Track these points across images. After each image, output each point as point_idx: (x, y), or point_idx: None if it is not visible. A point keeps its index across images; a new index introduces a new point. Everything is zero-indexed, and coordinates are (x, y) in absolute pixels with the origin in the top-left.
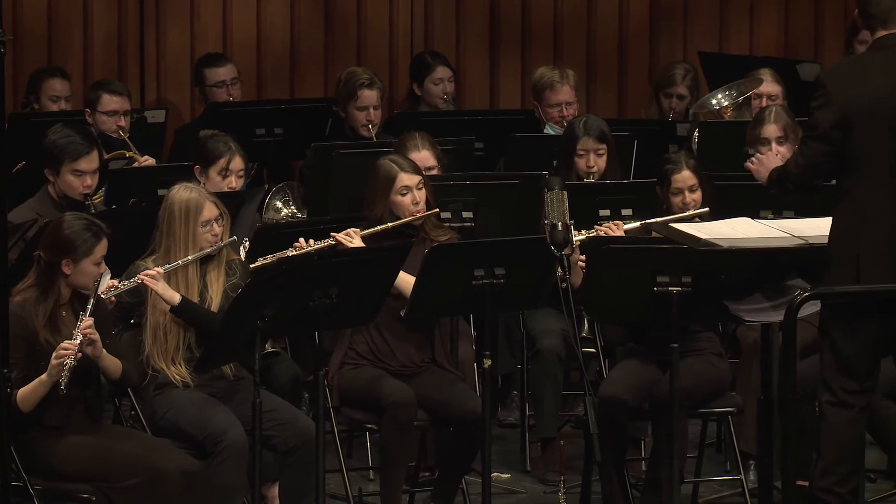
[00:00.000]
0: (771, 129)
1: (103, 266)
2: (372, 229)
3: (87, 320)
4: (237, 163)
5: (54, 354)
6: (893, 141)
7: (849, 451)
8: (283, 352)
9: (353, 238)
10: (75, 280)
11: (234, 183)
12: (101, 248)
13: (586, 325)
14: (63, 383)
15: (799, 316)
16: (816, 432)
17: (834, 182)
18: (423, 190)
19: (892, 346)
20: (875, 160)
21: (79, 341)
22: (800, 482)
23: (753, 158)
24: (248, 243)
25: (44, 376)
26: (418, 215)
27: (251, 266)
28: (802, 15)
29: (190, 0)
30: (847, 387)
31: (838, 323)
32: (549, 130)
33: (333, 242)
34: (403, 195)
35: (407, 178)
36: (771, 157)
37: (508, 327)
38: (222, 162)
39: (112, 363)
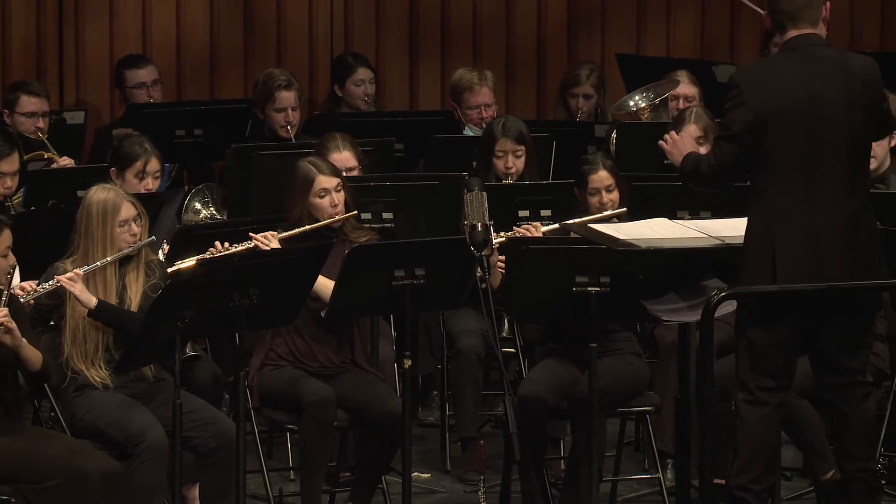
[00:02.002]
0: (691, 130)
1: (11, 258)
2: (290, 232)
3: (2, 310)
4: (153, 164)
5: None
6: (806, 142)
7: (764, 448)
8: (204, 353)
9: (270, 241)
10: None
11: (151, 184)
12: (5, 238)
13: (506, 325)
14: None
15: (716, 316)
16: (733, 431)
17: (747, 183)
18: (342, 192)
19: (808, 344)
20: (788, 161)
21: None
22: (717, 480)
23: (667, 137)
24: (166, 245)
25: None
26: (337, 217)
27: (169, 270)
28: (718, 17)
29: (109, 1)
30: (763, 385)
31: (754, 322)
32: (468, 132)
33: (252, 245)
34: (322, 197)
35: (325, 181)
36: (686, 140)
37: (429, 328)
38: (139, 164)
39: (32, 353)
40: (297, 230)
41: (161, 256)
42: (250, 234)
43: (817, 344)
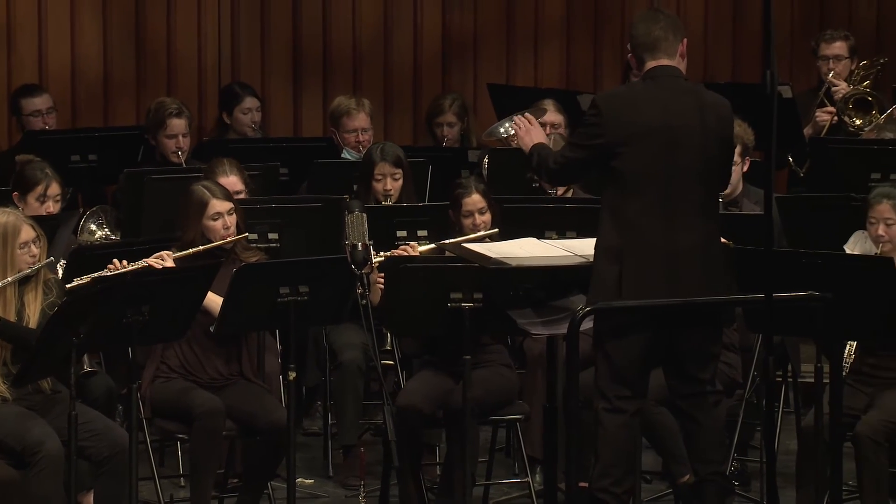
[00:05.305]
0: None
1: None
2: (184, 252)
3: None
4: (54, 188)
5: None
6: (663, 165)
7: (623, 453)
8: (99, 367)
9: (164, 260)
10: None
11: (52, 208)
12: None
13: (387, 338)
14: None
15: (581, 329)
16: (595, 437)
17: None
18: (234, 215)
19: (663, 357)
20: (645, 182)
21: None
22: (581, 484)
23: (522, 119)
24: (64, 263)
25: None
26: (229, 239)
27: (67, 287)
28: (582, 50)
29: (6, 32)
30: (620, 393)
31: (611, 335)
32: (346, 155)
33: (146, 265)
34: (215, 220)
35: (219, 205)
36: (538, 129)
37: (317, 341)
38: (40, 188)
39: None
40: (191, 250)
41: (59, 274)
42: (145, 259)
43: (671, 356)
